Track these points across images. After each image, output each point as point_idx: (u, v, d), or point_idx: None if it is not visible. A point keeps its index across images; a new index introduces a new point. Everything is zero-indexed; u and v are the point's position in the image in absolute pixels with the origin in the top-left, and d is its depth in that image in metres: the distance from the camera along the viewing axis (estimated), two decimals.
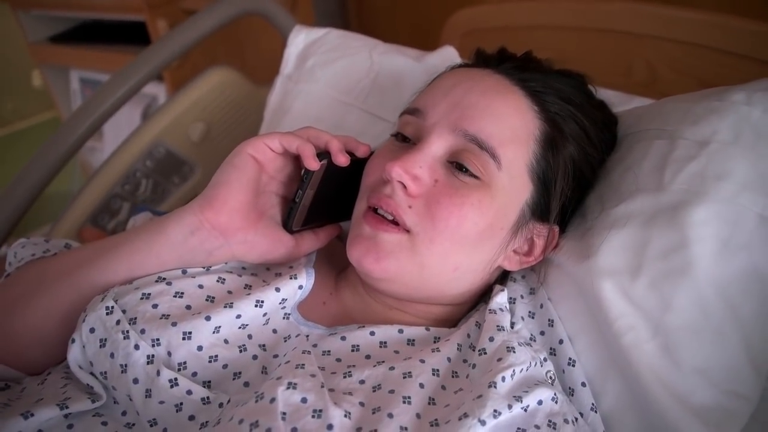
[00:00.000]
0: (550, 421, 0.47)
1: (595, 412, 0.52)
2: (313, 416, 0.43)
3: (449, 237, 0.53)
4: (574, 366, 0.54)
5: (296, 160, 0.59)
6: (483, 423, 0.44)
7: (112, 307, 0.51)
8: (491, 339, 0.53)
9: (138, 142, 1.10)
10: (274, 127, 0.88)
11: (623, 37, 1.05)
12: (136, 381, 0.48)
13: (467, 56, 0.89)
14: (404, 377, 0.49)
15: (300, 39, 0.93)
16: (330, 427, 0.43)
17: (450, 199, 0.53)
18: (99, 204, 1.08)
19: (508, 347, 0.51)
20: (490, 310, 0.56)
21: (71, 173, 2.25)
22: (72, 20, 1.98)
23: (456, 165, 0.54)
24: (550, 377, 0.52)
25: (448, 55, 0.86)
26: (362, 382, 0.49)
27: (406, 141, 0.59)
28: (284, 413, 0.43)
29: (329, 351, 0.54)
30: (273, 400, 0.43)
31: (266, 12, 1.17)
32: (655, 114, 0.63)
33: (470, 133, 0.54)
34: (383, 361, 0.52)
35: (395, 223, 0.54)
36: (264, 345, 0.54)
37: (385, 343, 0.55)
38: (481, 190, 0.54)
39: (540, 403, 0.48)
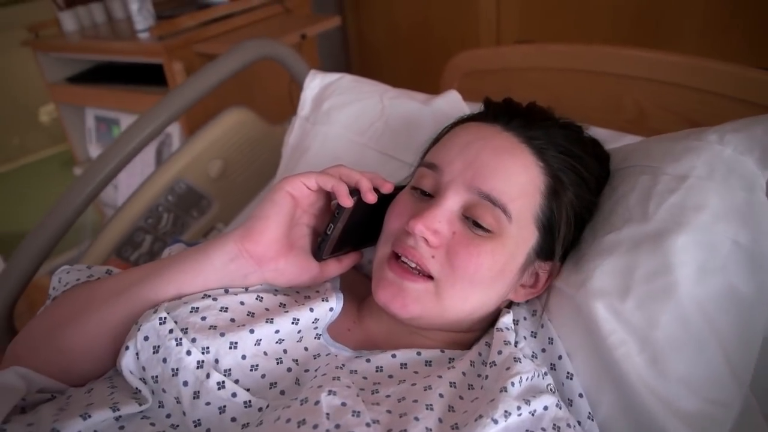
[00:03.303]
0: (554, 424, 0.53)
1: (592, 420, 0.58)
2: (353, 415, 0.49)
3: (468, 281, 0.60)
4: (572, 379, 0.60)
5: (327, 195, 0.66)
6: (495, 422, 0.50)
7: (165, 318, 0.56)
8: (500, 352, 0.59)
9: (161, 178, 1.17)
10: (294, 164, 0.95)
11: (613, 78, 1.12)
12: (185, 383, 0.53)
13: (468, 96, 0.97)
14: (425, 389, 0.55)
15: (315, 83, 1.01)
16: (368, 424, 0.49)
17: (467, 249, 0.59)
18: (123, 237, 1.14)
19: (515, 358, 0.57)
20: (497, 329, 0.63)
21: None
22: (87, 62, 2.08)
23: (472, 222, 0.61)
24: (551, 389, 0.57)
25: (452, 99, 0.93)
26: (388, 396, 0.55)
27: (425, 193, 0.65)
28: (328, 413, 0.49)
29: (356, 371, 0.59)
30: (317, 402, 0.50)
31: (280, 57, 1.25)
32: (640, 152, 0.70)
33: (484, 191, 0.60)
34: (405, 380, 0.58)
35: (418, 270, 0.61)
36: (297, 360, 0.60)
37: (406, 364, 0.61)
38: (494, 240, 0.60)
39: (546, 408, 0.54)
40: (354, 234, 0.67)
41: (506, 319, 0.64)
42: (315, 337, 0.63)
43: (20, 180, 3.39)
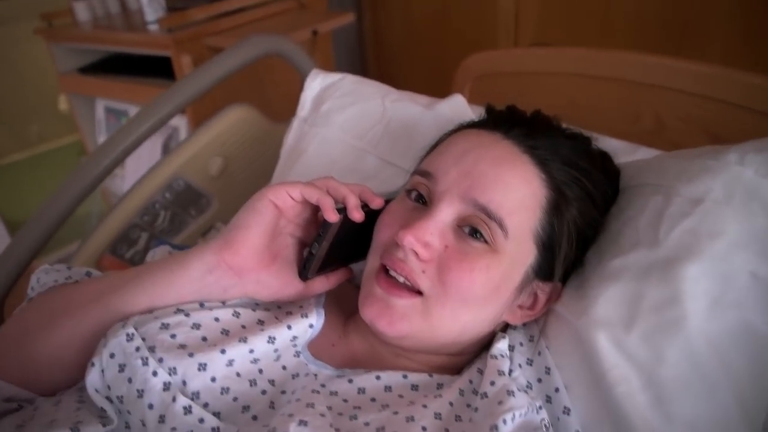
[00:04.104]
0: None
1: None
2: None
3: (460, 299, 0.56)
4: (569, 415, 0.55)
5: (314, 206, 0.62)
6: None
7: (133, 334, 0.53)
8: (492, 383, 0.54)
9: (159, 175, 1.14)
10: (290, 166, 0.91)
11: (632, 86, 1.07)
12: (151, 406, 0.50)
13: (478, 100, 0.92)
14: (407, 421, 0.51)
15: (316, 83, 0.97)
16: None
17: (460, 264, 0.55)
18: (118, 233, 1.12)
19: (508, 391, 0.53)
20: (491, 355, 0.58)
21: (92, 197, 2.31)
22: (99, 53, 2.06)
23: (470, 230, 0.56)
24: (545, 425, 0.53)
25: (457, 104, 0.89)
26: (367, 424, 0.51)
27: (418, 199, 0.61)
28: None
29: (336, 392, 0.56)
30: None
31: (286, 53, 1.21)
32: (654, 169, 0.65)
33: (480, 203, 0.56)
34: (388, 405, 0.54)
35: (407, 285, 0.57)
36: (273, 380, 0.56)
37: (390, 387, 0.57)
38: (489, 256, 0.56)
39: None
40: (342, 250, 0.63)
41: (501, 345, 0.60)
42: (294, 355, 0.59)
43: (37, 167, 3.41)
